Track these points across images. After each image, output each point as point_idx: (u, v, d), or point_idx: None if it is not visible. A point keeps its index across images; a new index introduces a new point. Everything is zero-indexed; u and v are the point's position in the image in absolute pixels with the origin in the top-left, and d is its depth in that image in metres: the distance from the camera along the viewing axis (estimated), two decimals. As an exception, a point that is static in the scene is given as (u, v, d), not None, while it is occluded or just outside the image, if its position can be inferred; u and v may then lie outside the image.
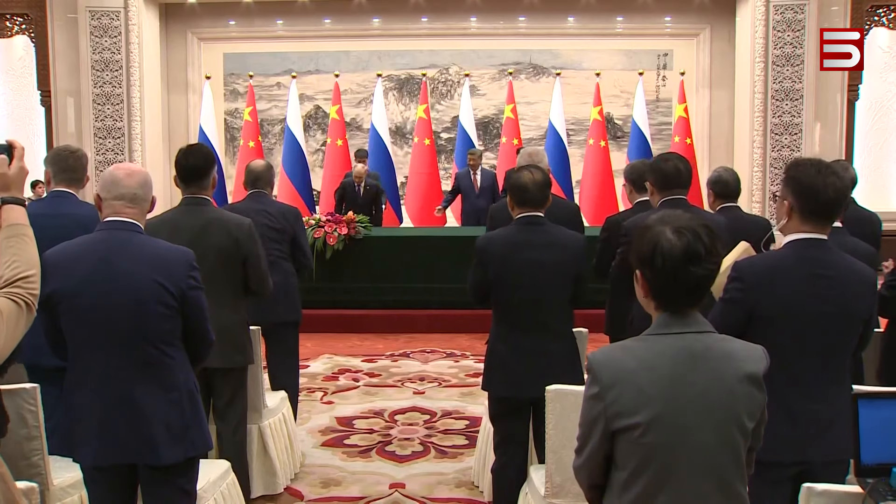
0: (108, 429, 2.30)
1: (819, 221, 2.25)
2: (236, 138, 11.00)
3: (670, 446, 1.58)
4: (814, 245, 2.25)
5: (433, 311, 7.46)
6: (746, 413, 1.61)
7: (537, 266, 3.01)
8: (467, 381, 5.75)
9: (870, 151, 10.71)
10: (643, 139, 9.93)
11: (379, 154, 9.82)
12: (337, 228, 7.54)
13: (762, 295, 2.23)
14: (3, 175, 1.87)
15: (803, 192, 2.22)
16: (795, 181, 2.25)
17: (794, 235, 2.28)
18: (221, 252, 3.20)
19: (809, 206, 2.22)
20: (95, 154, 10.41)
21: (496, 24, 11.10)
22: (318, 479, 3.97)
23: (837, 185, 2.22)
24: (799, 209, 2.24)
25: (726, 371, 1.61)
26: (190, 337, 2.43)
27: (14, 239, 1.81)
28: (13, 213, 1.85)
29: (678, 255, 1.59)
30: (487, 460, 3.71)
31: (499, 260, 3.05)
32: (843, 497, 1.80)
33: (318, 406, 5.21)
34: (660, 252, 1.60)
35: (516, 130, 9.91)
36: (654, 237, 1.62)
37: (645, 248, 1.63)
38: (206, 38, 11.27)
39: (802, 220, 2.25)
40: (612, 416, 1.62)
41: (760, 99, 10.12)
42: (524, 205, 3.08)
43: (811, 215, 2.23)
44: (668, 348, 1.63)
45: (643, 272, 1.65)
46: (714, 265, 1.62)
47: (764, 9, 9.99)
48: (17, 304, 1.74)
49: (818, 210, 2.23)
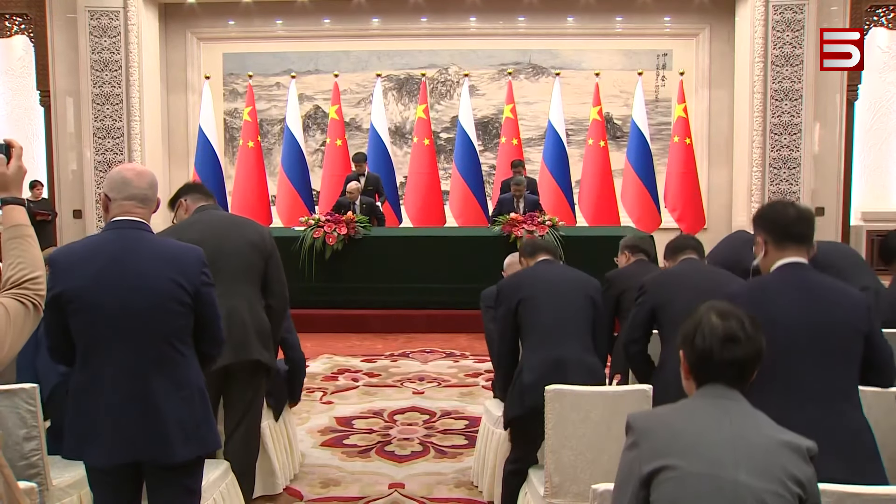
0: (121, 427, 2.27)
1: (793, 243, 2.33)
2: (236, 138, 11.00)
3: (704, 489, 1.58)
4: (796, 266, 2.32)
5: (432, 311, 7.46)
6: (788, 472, 1.59)
7: (557, 292, 3.22)
8: (466, 381, 5.75)
9: (869, 151, 10.72)
10: (642, 139, 9.93)
11: (378, 154, 9.81)
12: (336, 228, 7.54)
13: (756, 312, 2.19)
14: (2, 175, 1.84)
15: (769, 223, 2.36)
16: (761, 219, 2.40)
17: (775, 264, 2.34)
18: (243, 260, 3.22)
19: (778, 231, 2.33)
20: (95, 154, 10.42)
21: (495, 24, 11.11)
22: (318, 479, 3.97)
23: (800, 208, 2.38)
24: (772, 240, 2.35)
25: (765, 429, 1.66)
26: (202, 334, 2.42)
27: (18, 240, 1.79)
28: (14, 213, 1.83)
29: (718, 334, 1.70)
30: (487, 460, 3.72)
31: (527, 283, 3.26)
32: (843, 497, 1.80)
33: (318, 406, 5.21)
34: (701, 331, 1.72)
35: (516, 130, 9.91)
36: (698, 318, 1.76)
37: (689, 327, 1.76)
38: (206, 38, 11.27)
39: (777, 248, 2.34)
40: (647, 459, 1.64)
41: (760, 99, 10.12)
42: (537, 254, 3.43)
43: (783, 238, 2.33)
44: (704, 405, 1.71)
45: (685, 351, 1.76)
46: (753, 350, 1.71)
47: (763, 9, 10.00)
48: (25, 304, 1.73)
49: (788, 232, 2.33)
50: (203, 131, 9.96)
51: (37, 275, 1.77)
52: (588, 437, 2.69)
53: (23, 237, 1.80)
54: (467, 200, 9.71)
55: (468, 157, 9.77)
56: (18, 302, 1.72)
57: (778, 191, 10.20)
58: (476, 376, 5.84)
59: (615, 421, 2.68)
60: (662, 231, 9.55)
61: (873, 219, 10.56)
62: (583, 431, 2.68)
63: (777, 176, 10.20)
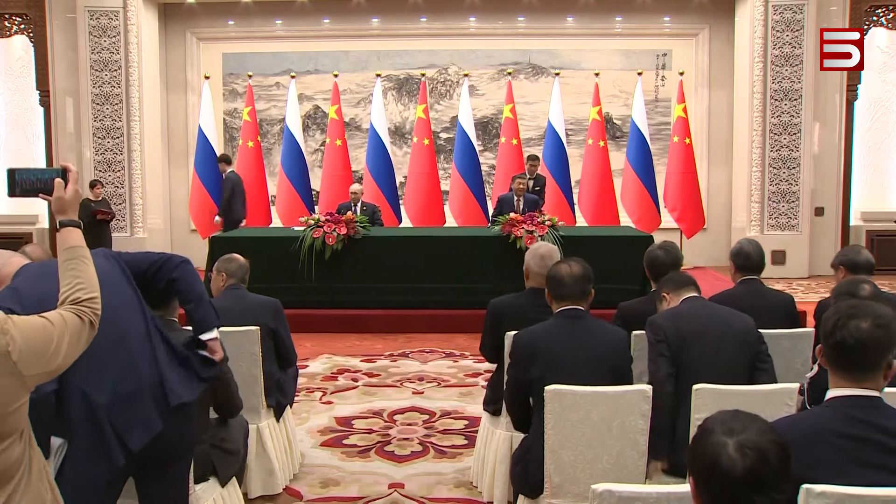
0: (137, 412, 2.31)
1: (854, 375, 1.88)
2: (235, 138, 11.00)
3: None
4: (857, 403, 1.87)
5: (432, 311, 7.46)
6: None
7: (577, 363, 2.84)
8: (466, 381, 5.75)
9: (869, 151, 10.72)
10: (642, 139, 9.93)
11: (378, 154, 9.82)
12: (336, 228, 7.54)
13: (798, 469, 1.71)
14: (60, 199, 1.95)
15: (823, 341, 1.92)
16: (820, 328, 2.00)
17: (833, 391, 1.93)
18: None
19: (829, 355, 1.91)
20: (94, 154, 10.42)
21: (495, 24, 11.11)
22: (317, 479, 3.96)
23: (863, 330, 1.84)
24: (827, 360, 1.92)
25: None
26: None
27: (75, 261, 1.87)
28: (71, 235, 1.91)
29: (738, 477, 1.36)
30: (486, 460, 3.71)
31: (542, 359, 2.87)
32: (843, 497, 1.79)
33: (317, 406, 5.21)
34: (718, 473, 1.37)
35: (515, 130, 9.91)
36: (713, 451, 1.39)
37: (699, 460, 1.41)
38: (205, 38, 11.27)
39: (835, 374, 1.92)
40: None
41: (759, 99, 10.12)
42: (562, 299, 2.97)
43: (839, 369, 1.90)
44: None
45: (697, 487, 1.43)
46: (782, 494, 1.37)
47: (763, 9, 10.00)
48: (82, 319, 1.79)
49: (845, 362, 1.88)
50: (203, 131, 9.96)
51: (94, 295, 1.84)
52: (588, 437, 2.68)
53: (79, 258, 1.88)
54: (467, 200, 9.72)
55: (468, 157, 9.78)
56: (76, 315, 1.78)
57: (778, 190, 10.21)
58: (476, 376, 5.83)
59: (615, 420, 2.68)
60: (662, 231, 9.55)
61: (873, 219, 10.57)
62: (583, 431, 2.68)
63: (777, 176, 10.21)
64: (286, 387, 3.99)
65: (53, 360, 1.69)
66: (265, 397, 3.76)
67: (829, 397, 1.92)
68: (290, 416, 4.12)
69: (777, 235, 10.09)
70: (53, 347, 1.68)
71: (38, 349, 1.66)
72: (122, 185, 10.32)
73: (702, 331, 2.96)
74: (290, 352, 3.96)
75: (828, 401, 1.92)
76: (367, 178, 9.77)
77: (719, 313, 3.08)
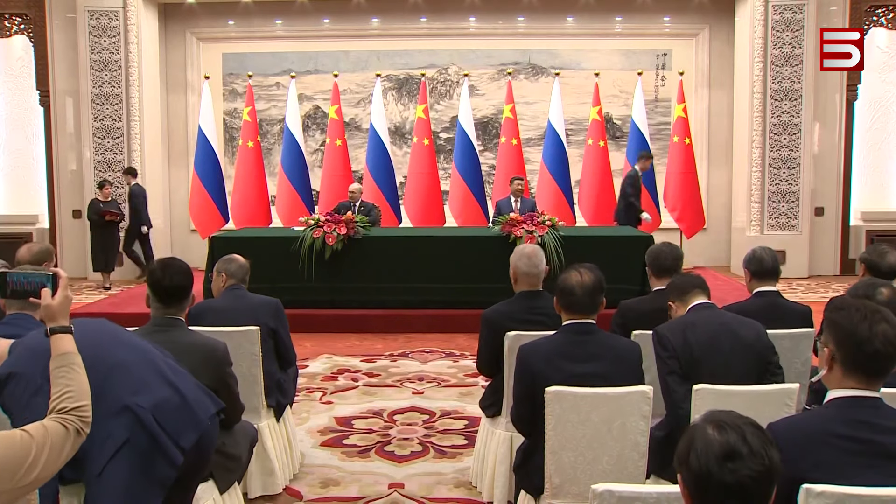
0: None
1: (870, 378, 1.90)
2: (235, 138, 10.99)
3: None
4: (861, 404, 1.89)
5: (432, 311, 7.46)
6: None
7: (583, 382, 2.70)
8: (466, 381, 5.75)
9: (869, 151, 10.72)
10: (642, 139, 9.93)
11: (378, 154, 9.82)
12: (336, 228, 7.54)
13: (799, 469, 1.85)
14: (48, 307, 1.97)
15: (844, 341, 1.91)
16: (837, 326, 1.94)
17: (836, 392, 1.94)
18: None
19: (851, 357, 1.90)
20: (94, 154, 10.42)
21: (495, 24, 11.11)
22: (317, 479, 3.96)
23: (889, 335, 1.87)
24: (841, 360, 1.92)
25: None
26: None
27: (65, 368, 1.88)
28: (62, 342, 1.93)
29: (714, 451, 1.42)
30: (486, 460, 3.71)
31: (541, 374, 2.75)
32: (843, 497, 1.79)
33: (317, 406, 5.21)
34: (694, 450, 1.44)
35: (515, 130, 9.91)
36: (692, 433, 1.48)
37: (682, 445, 1.49)
38: (205, 38, 11.27)
39: (848, 375, 1.92)
40: None
41: (759, 99, 10.12)
42: (571, 311, 2.85)
43: (859, 372, 1.90)
44: None
45: (681, 474, 1.49)
46: (760, 467, 1.41)
47: (763, 9, 10.00)
48: (66, 428, 1.78)
49: (871, 369, 1.89)
50: (203, 131, 9.96)
51: (82, 403, 1.85)
52: (588, 438, 2.68)
53: (70, 365, 1.89)
54: (467, 200, 9.72)
55: (468, 157, 9.78)
56: (60, 425, 1.78)
57: (778, 190, 10.21)
58: (476, 376, 5.83)
59: (615, 422, 2.68)
60: (662, 231, 9.56)
61: (873, 219, 10.57)
62: (583, 432, 2.67)
63: (777, 176, 10.20)
64: (286, 387, 4.00)
65: (29, 475, 1.67)
66: (265, 397, 3.77)
67: (830, 398, 1.93)
68: (290, 416, 4.12)
69: (777, 235, 10.09)
70: (30, 462, 1.67)
71: (11, 466, 1.64)
72: (122, 186, 10.31)
73: (711, 345, 2.89)
74: (290, 352, 3.97)
75: (829, 401, 1.93)
76: (367, 178, 9.77)
77: (728, 323, 2.99)
